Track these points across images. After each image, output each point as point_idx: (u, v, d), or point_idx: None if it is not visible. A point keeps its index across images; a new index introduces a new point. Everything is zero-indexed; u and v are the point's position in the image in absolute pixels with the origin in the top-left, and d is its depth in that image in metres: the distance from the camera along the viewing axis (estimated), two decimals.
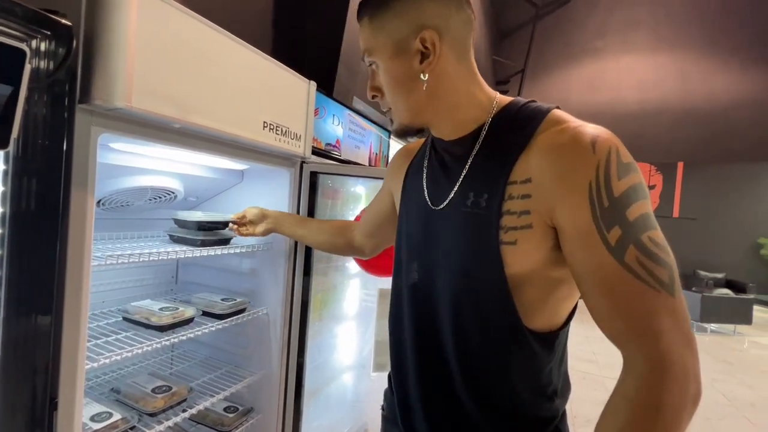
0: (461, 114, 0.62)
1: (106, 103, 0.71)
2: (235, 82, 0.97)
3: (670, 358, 0.44)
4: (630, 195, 0.49)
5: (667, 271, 0.47)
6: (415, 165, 0.76)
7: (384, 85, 0.63)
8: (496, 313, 0.57)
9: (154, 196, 1.20)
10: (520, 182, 0.54)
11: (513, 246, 0.53)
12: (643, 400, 0.43)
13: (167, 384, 1.10)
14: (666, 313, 0.45)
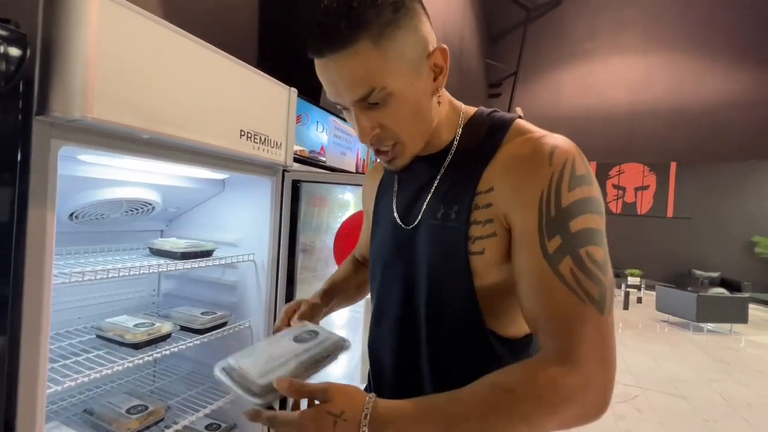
0: (439, 131, 0.62)
1: (65, 115, 0.68)
2: (208, 90, 0.94)
3: (583, 369, 0.44)
4: (578, 207, 0.49)
5: (599, 288, 0.47)
6: (384, 184, 0.74)
7: (396, 117, 0.53)
8: (467, 324, 0.57)
9: (131, 208, 1.16)
10: (484, 192, 0.55)
11: (481, 255, 0.54)
12: (544, 385, 0.44)
13: (143, 403, 1.06)
14: (589, 326, 0.45)
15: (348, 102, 0.53)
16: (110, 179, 1.01)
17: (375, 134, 0.55)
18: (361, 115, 0.53)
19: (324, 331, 0.62)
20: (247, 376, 0.51)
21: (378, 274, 0.69)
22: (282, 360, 0.53)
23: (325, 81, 0.53)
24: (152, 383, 1.42)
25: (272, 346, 0.58)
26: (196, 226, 1.44)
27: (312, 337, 0.60)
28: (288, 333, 0.61)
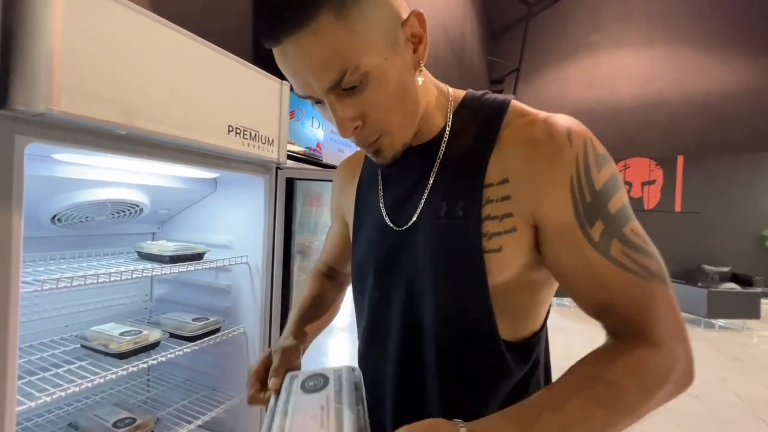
0: (428, 116, 0.55)
1: (28, 108, 0.62)
2: (191, 82, 0.88)
3: (669, 346, 0.44)
4: (610, 187, 0.47)
5: (655, 260, 0.46)
6: (365, 182, 0.66)
7: (378, 102, 0.46)
8: (479, 330, 0.51)
9: (117, 210, 1.11)
10: (497, 184, 0.49)
11: (498, 253, 0.48)
12: (645, 372, 0.42)
13: (131, 416, 1.01)
14: (661, 301, 0.45)
15: (319, 91, 0.45)
16: (92, 180, 0.96)
17: (356, 126, 0.47)
18: (337, 106, 0.45)
19: (325, 372, 0.53)
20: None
21: (367, 284, 0.60)
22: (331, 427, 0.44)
23: (289, 72, 0.45)
24: (146, 392, 1.37)
25: (299, 418, 0.46)
26: (189, 229, 1.38)
27: (321, 382, 0.50)
28: (291, 394, 0.50)
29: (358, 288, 0.64)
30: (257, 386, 0.57)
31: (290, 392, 0.50)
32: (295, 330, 0.65)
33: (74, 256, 1.15)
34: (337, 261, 0.79)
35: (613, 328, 0.47)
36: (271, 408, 0.49)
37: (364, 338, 0.62)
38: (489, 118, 0.53)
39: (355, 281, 0.64)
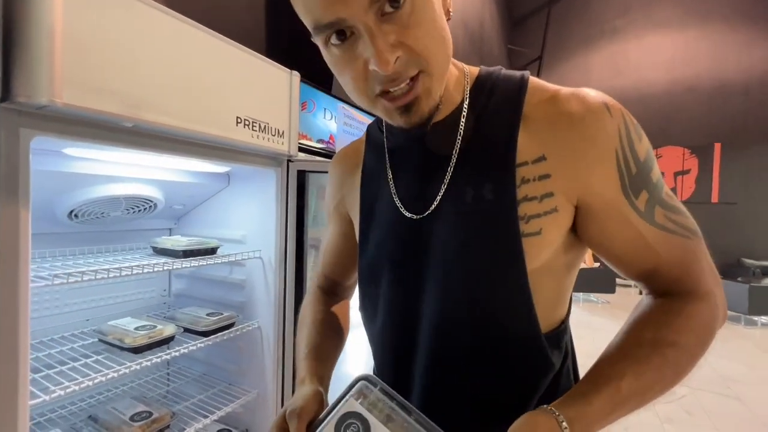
0: (447, 85, 0.49)
1: (30, 100, 0.62)
2: (197, 73, 0.86)
3: (713, 294, 0.47)
4: (651, 156, 0.47)
5: (689, 219, 0.48)
6: (370, 169, 0.60)
7: (419, 26, 0.39)
8: (511, 323, 0.47)
9: (131, 206, 1.11)
10: (533, 162, 0.46)
11: (537, 237, 0.45)
12: (697, 326, 0.46)
13: (148, 410, 1.01)
14: (701, 255, 0.47)
15: (359, 7, 0.37)
16: (104, 175, 0.96)
17: (397, 57, 0.39)
18: (377, 30, 0.37)
19: (339, 406, 0.43)
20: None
21: (381, 282, 0.55)
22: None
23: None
24: (166, 385, 1.39)
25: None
26: (204, 224, 1.38)
27: (359, 424, 0.41)
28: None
29: (369, 286, 0.58)
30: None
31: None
32: (315, 377, 0.54)
33: (92, 252, 1.16)
34: (338, 272, 0.71)
35: (662, 288, 0.48)
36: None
37: (381, 340, 0.57)
38: (510, 94, 0.48)
39: (365, 280, 0.59)
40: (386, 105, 0.43)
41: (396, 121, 0.45)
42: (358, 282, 0.61)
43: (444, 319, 0.49)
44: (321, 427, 0.43)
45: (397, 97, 0.41)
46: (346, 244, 0.67)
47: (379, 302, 0.56)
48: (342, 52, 0.40)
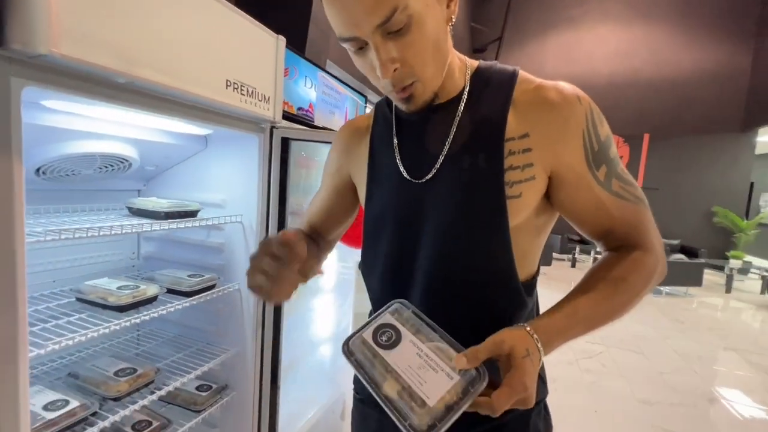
0: (451, 72, 0.59)
1: (26, 48, 0.59)
2: (192, 32, 0.85)
3: (656, 249, 0.59)
4: (610, 137, 0.58)
5: (639, 190, 0.60)
6: (378, 140, 0.68)
7: (417, 46, 0.50)
8: (496, 268, 0.58)
9: (105, 165, 1.07)
10: (518, 138, 0.55)
11: (518, 199, 0.55)
12: (642, 268, 0.57)
13: (132, 366, 1.03)
14: (646, 219, 0.59)
15: (368, 29, 0.48)
16: (82, 131, 0.92)
17: (395, 68, 0.50)
18: (381, 47, 0.49)
19: (376, 319, 0.53)
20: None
21: (383, 236, 0.64)
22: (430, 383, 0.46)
23: (341, 10, 0.48)
24: (137, 347, 1.39)
25: (410, 373, 0.47)
26: (177, 186, 1.35)
27: (393, 333, 0.51)
28: (376, 357, 0.49)
29: (372, 241, 0.67)
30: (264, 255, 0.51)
31: (374, 354, 0.49)
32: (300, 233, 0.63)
33: (59, 211, 1.11)
34: (325, 226, 0.78)
35: (614, 244, 0.60)
36: (366, 377, 0.48)
37: (381, 286, 0.66)
38: (503, 83, 0.59)
39: (369, 235, 0.68)
40: (394, 96, 0.56)
41: (401, 106, 0.58)
42: (363, 236, 0.70)
43: (440, 264, 0.59)
44: (360, 332, 0.52)
45: (399, 92, 0.55)
46: (338, 202, 0.76)
47: (379, 254, 0.66)
48: (360, 60, 0.54)
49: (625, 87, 8.59)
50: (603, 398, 2.69)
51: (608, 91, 8.68)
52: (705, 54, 8.09)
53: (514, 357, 0.46)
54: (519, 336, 0.48)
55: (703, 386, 2.94)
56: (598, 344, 3.68)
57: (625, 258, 0.57)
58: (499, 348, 0.47)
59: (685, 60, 8.22)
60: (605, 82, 8.69)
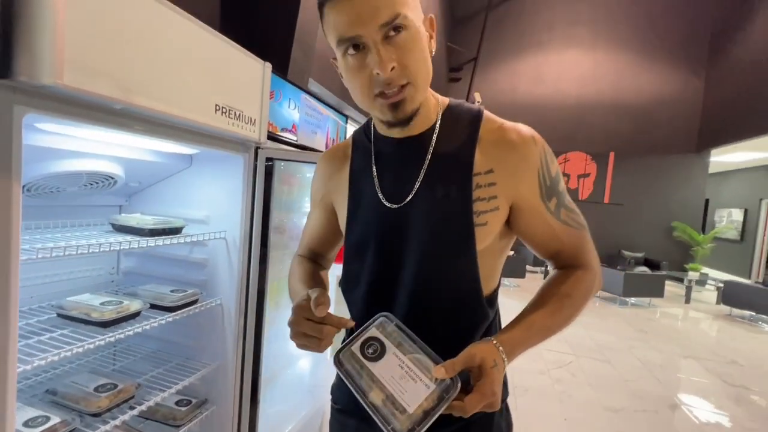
0: (425, 110, 0.66)
1: (31, 80, 0.63)
2: (184, 60, 0.90)
3: (594, 267, 0.70)
4: (558, 173, 0.68)
5: (582, 218, 0.70)
6: (357, 168, 0.74)
7: (412, 52, 0.56)
8: (464, 285, 0.65)
9: (90, 182, 1.09)
10: (484, 173, 0.64)
11: (485, 227, 0.63)
12: (582, 285, 0.67)
13: (112, 382, 1.04)
14: (587, 242, 0.70)
15: (373, 28, 0.54)
16: (71, 150, 0.95)
17: (393, 67, 0.55)
18: (381, 47, 0.55)
19: (363, 333, 0.59)
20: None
21: (366, 257, 0.70)
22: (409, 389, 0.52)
23: (349, 12, 0.54)
24: (113, 364, 1.38)
25: (393, 384, 0.53)
26: (160, 202, 1.38)
27: (378, 346, 0.57)
28: (363, 368, 0.56)
29: (355, 261, 0.73)
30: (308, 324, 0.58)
31: (361, 365, 0.56)
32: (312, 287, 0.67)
33: (40, 227, 1.12)
34: (321, 247, 0.86)
35: (561, 264, 0.70)
36: (354, 386, 0.54)
37: (364, 305, 0.71)
38: (470, 122, 0.67)
39: (351, 257, 0.73)
40: (382, 102, 0.59)
41: (386, 116, 0.61)
42: (344, 258, 0.76)
43: (418, 284, 0.66)
44: (349, 344, 0.59)
45: (390, 96, 0.58)
46: (328, 227, 0.83)
47: (362, 274, 0.71)
48: (355, 61, 0.57)
49: (591, 108, 9.11)
50: (572, 406, 2.81)
51: (576, 111, 9.17)
52: (663, 80, 8.72)
53: (484, 368, 0.54)
54: (488, 349, 0.56)
55: (664, 393, 3.11)
56: (568, 354, 3.83)
57: (570, 276, 0.67)
58: (472, 360, 0.54)
59: (644, 85, 8.82)
60: (573, 103, 9.18)
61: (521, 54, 9.49)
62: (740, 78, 7.31)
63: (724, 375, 3.55)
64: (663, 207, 8.74)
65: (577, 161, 9.23)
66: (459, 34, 9.73)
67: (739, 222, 9.45)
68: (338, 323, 0.59)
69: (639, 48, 8.81)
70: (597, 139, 9.08)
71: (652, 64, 8.75)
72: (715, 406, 2.95)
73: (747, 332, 5.02)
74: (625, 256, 8.26)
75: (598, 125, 9.09)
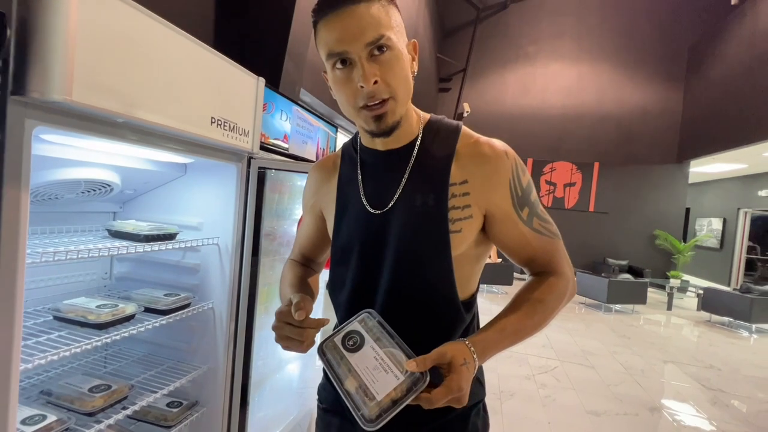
0: (407, 124, 0.72)
1: (43, 96, 0.69)
2: (182, 76, 0.96)
3: (567, 274, 0.74)
4: (530, 184, 0.73)
5: (554, 227, 0.75)
6: (345, 177, 0.80)
7: (394, 70, 0.62)
8: (440, 289, 0.70)
9: (88, 189, 1.14)
10: (459, 183, 0.69)
11: (459, 233, 0.68)
12: (555, 290, 0.72)
13: (105, 383, 1.07)
14: (560, 250, 0.74)
15: (360, 45, 0.60)
16: (70, 159, 0.99)
17: (375, 81, 0.61)
18: (366, 63, 0.61)
19: (346, 326, 0.65)
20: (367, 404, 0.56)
21: (351, 260, 0.75)
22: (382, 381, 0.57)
23: (339, 30, 0.60)
24: (104, 367, 1.40)
25: (366, 374, 0.58)
26: (154, 209, 1.42)
27: (359, 339, 0.62)
28: (342, 358, 0.61)
29: (341, 265, 0.78)
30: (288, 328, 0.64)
31: (341, 355, 0.61)
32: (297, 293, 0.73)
33: (37, 232, 1.15)
34: (312, 251, 0.92)
35: (535, 270, 0.75)
36: (333, 374, 0.60)
37: (347, 306, 0.76)
38: (448, 136, 0.73)
39: (338, 258, 0.79)
40: (366, 114, 0.65)
41: (370, 127, 0.66)
42: (330, 263, 0.81)
43: (395, 286, 0.71)
44: (331, 337, 0.64)
45: (373, 109, 0.64)
46: (318, 233, 0.89)
47: (347, 276, 0.77)
48: (342, 75, 0.63)
49: (576, 119, 9.37)
50: (556, 410, 2.88)
51: (561, 121, 9.43)
52: (643, 93, 9.04)
53: (453, 365, 0.57)
54: (459, 348, 0.60)
55: (646, 397, 3.20)
56: (553, 359, 3.91)
57: (543, 282, 0.72)
58: (443, 357, 0.58)
59: (626, 97, 9.13)
60: (558, 114, 9.44)
61: (509, 66, 9.74)
62: (716, 92, 7.64)
63: (702, 379, 3.67)
64: (646, 216, 8.98)
65: (563, 170, 9.45)
66: (448, 45, 9.96)
67: (718, 231, 9.76)
68: (317, 324, 0.65)
69: (620, 62, 9.14)
70: (582, 149, 9.33)
71: (634, 78, 9.08)
72: (694, 409, 3.05)
73: (725, 338, 5.18)
74: (610, 264, 8.45)
75: (583, 136, 9.35)
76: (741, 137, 6.65)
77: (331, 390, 0.82)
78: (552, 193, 9.48)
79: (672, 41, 8.85)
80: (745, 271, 9.22)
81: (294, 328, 0.63)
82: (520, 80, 9.66)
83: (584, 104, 9.34)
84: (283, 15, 2.26)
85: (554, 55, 9.48)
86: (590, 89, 9.31)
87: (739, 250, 9.19)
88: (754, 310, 5.21)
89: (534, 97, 9.56)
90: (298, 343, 0.64)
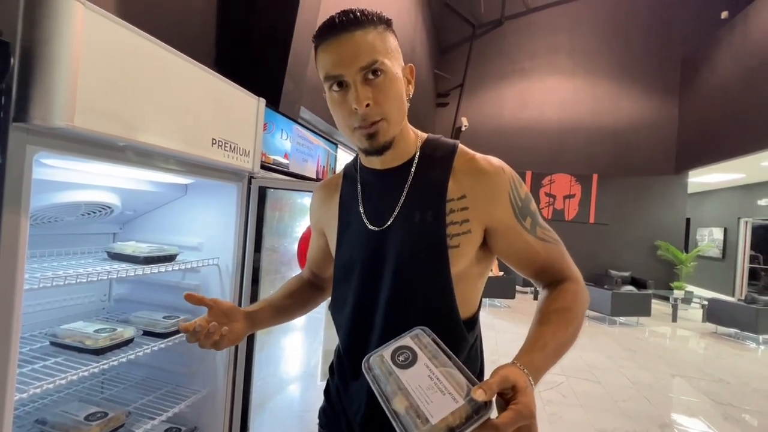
0: (404, 144, 0.73)
1: (45, 123, 0.69)
2: (183, 99, 0.97)
3: (578, 278, 0.72)
4: (528, 196, 0.73)
5: (555, 234, 0.74)
6: (346, 195, 0.81)
7: (387, 93, 0.64)
8: (440, 309, 0.69)
9: (88, 211, 1.13)
10: (457, 199, 0.69)
11: (457, 249, 0.68)
12: (578, 296, 0.70)
13: (102, 410, 1.05)
14: (565, 254, 0.74)
15: (355, 69, 0.62)
16: (71, 182, 0.99)
17: (368, 104, 0.63)
18: (360, 86, 0.63)
19: (396, 341, 0.59)
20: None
21: (352, 278, 0.75)
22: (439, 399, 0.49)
23: (336, 55, 0.63)
24: (101, 392, 1.37)
25: (420, 393, 0.50)
26: (154, 229, 1.41)
27: (410, 355, 0.55)
28: (391, 374, 0.54)
29: (343, 282, 0.78)
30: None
31: (389, 371, 0.54)
32: (251, 307, 0.82)
33: (36, 255, 1.14)
34: (317, 267, 0.94)
35: (547, 280, 0.73)
36: (379, 391, 0.52)
37: (348, 324, 0.76)
38: (446, 154, 0.74)
39: (340, 277, 0.79)
40: (360, 133, 0.66)
41: (364, 145, 0.68)
42: (333, 283, 0.81)
43: (394, 303, 0.70)
44: (379, 351, 0.58)
45: (366, 128, 0.65)
46: (320, 252, 0.91)
47: (348, 296, 0.76)
48: (338, 96, 0.65)
49: (573, 132, 9.46)
50: (562, 428, 2.80)
51: (558, 135, 9.51)
52: (639, 105, 9.15)
53: (519, 386, 0.50)
54: (516, 371, 0.53)
55: (654, 412, 3.13)
56: (558, 375, 3.84)
57: (562, 291, 0.69)
58: (506, 381, 0.51)
59: (622, 110, 9.24)
60: (555, 127, 9.54)
61: (505, 80, 9.89)
62: (710, 103, 7.73)
63: (712, 393, 3.59)
64: (646, 226, 8.97)
65: (562, 183, 9.49)
66: (446, 61, 10.13)
67: (720, 240, 9.73)
68: (201, 302, 0.71)
69: (615, 75, 9.28)
70: (580, 161, 9.39)
71: (629, 91, 9.21)
72: (705, 425, 2.98)
73: (733, 349, 5.10)
74: (612, 276, 8.39)
75: (581, 148, 9.42)
76: (736, 148, 6.70)
77: (331, 414, 0.80)
78: (552, 205, 9.49)
79: (665, 54, 9.01)
80: (749, 281, 9.14)
81: (206, 338, 0.70)
82: (517, 94, 9.79)
83: (581, 117, 9.44)
84: (282, 35, 2.30)
85: (550, 70, 9.63)
86: (586, 102, 9.43)
87: (742, 259, 9.14)
88: (761, 320, 5.14)
89: (531, 110, 9.67)
90: (215, 342, 0.71)
